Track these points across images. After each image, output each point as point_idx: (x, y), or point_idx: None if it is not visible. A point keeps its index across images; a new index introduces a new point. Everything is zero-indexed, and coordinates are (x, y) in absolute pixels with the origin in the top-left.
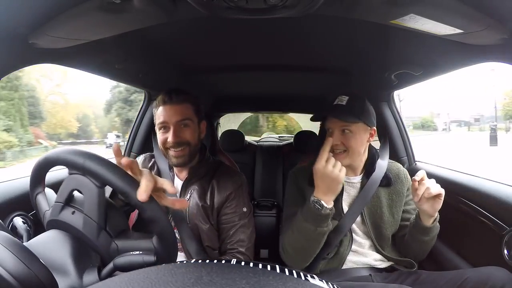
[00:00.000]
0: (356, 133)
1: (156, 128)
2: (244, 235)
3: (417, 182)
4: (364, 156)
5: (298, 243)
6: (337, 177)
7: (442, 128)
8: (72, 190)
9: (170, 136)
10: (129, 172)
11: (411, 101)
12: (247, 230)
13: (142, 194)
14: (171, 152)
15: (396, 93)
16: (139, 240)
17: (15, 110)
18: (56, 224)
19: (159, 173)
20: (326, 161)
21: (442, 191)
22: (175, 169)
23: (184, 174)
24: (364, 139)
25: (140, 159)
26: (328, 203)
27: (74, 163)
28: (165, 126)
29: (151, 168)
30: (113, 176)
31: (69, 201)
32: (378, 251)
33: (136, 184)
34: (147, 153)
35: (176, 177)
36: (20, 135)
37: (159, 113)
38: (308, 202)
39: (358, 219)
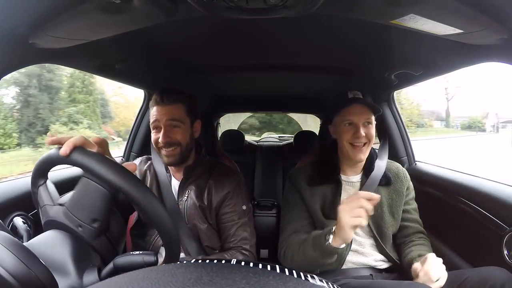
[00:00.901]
0: (373, 124)
1: (151, 127)
2: (246, 233)
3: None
4: None
5: (300, 260)
6: (346, 226)
7: (489, 129)
8: None
9: (160, 136)
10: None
11: (461, 100)
12: (248, 228)
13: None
14: (163, 152)
15: (443, 92)
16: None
17: (90, 111)
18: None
19: (155, 175)
20: (351, 208)
21: (442, 283)
22: (171, 169)
23: (181, 174)
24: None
25: (136, 162)
26: (334, 242)
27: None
28: (157, 126)
29: (146, 170)
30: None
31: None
32: (380, 251)
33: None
34: (144, 156)
35: (173, 178)
36: (98, 132)
37: (152, 113)
38: (322, 232)
39: None
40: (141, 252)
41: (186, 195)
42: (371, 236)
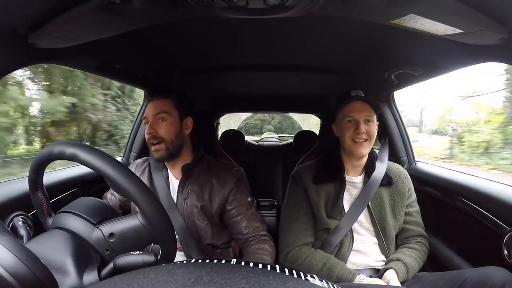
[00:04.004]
0: (375, 123)
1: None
2: (257, 222)
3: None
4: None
5: (301, 265)
6: None
7: (450, 133)
8: None
9: (146, 129)
10: None
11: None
12: (257, 217)
13: None
14: (152, 148)
15: (416, 105)
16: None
17: None
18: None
19: (150, 176)
20: None
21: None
22: (169, 169)
23: (180, 173)
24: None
25: (133, 166)
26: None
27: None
28: (147, 122)
29: (142, 173)
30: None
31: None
32: (382, 251)
33: (128, 171)
34: (141, 159)
35: (172, 177)
36: None
37: (145, 110)
38: (349, 274)
39: (362, 218)
40: (141, 252)
41: (186, 194)
42: (374, 235)
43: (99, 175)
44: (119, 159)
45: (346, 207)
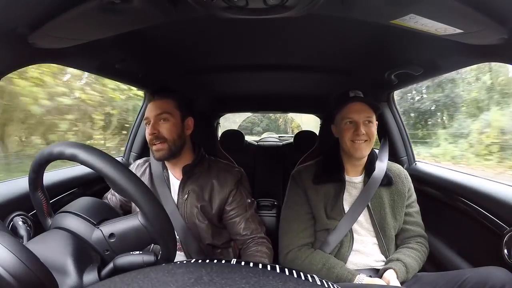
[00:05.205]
0: (374, 123)
1: (144, 124)
2: (255, 224)
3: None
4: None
5: (301, 266)
6: None
7: None
8: None
9: (148, 129)
10: None
11: None
12: (255, 219)
13: None
14: (153, 147)
15: None
16: None
17: None
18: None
19: (151, 177)
20: None
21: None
22: (169, 169)
23: (180, 173)
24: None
25: (133, 166)
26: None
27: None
28: (148, 122)
29: (143, 173)
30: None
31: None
32: (382, 251)
33: (127, 171)
34: (141, 159)
35: (173, 177)
36: None
37: (145, 111)
38: (349, 274)
39: (362, 218)
40: (141, 252)
41: (186, 195)
42: (374, 236)
43: (99, 175)
44: (119, 159)
45: (346, 207)
